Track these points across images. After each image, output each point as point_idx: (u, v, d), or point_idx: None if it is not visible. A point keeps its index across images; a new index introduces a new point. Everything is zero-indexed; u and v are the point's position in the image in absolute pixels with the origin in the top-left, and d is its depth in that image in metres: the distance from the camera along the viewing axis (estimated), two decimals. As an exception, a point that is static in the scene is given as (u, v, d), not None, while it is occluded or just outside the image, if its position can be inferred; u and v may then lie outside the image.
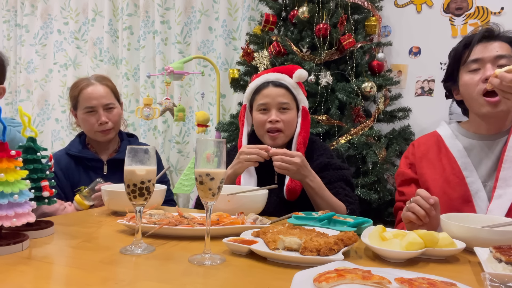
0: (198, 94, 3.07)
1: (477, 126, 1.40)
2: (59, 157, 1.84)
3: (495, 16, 2.49)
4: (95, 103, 1.79)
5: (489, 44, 1.33)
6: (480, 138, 1.39)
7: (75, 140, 1.91)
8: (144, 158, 0.95)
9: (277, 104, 1.60)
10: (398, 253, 0.89)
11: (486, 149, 1.37)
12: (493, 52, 1.32)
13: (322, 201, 1.48)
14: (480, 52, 1.34)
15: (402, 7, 2.72)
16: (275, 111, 1.60)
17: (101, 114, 1.79)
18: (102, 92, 1.81)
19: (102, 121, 1.79)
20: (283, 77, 1.64)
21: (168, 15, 3.24)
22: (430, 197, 1.14)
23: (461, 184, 1.35)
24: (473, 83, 1.34)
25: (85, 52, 3.58)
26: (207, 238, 0.89)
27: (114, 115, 1.83)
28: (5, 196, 0.89)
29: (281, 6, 2.50)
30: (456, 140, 1.41)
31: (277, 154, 1.44)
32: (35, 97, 3.73)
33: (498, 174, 1.30)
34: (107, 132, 1.83)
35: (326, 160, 1.62)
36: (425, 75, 2.65)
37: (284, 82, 1.63)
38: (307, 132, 1.64)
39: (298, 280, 0.71)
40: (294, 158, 1.42)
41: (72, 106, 1.87)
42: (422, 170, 1.45)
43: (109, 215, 1.38)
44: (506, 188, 1.28)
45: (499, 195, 1.28)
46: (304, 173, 1.45)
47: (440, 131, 1.48)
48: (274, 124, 1.58)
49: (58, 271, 0.81)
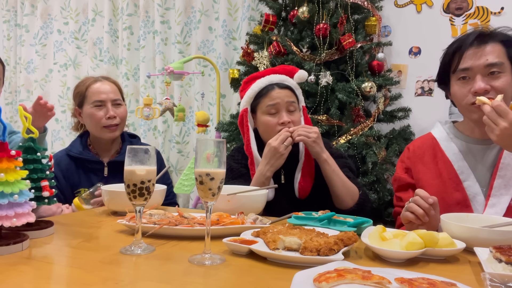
0: (198, 94, 3.07)
1: (471, 129, 1.37)
2: (60, 158, 1.83)
3: (495, 16, 2.49)
4: (104, 97, 1.80)
5: (479, 49, 1.28)
6: (475, 142, 1.36)
7: (76, 141, 1.89)
8: (144, 158, 0.95)
9: (286, 106, 1.59)
10: (398, 253, 0.89)
11: (481, 153, 1.34)
12: (483, 60, 1.26)
13: (338, 179, 1.51)
14: (470, 60, 1.28)
15: (402, 7, 2.71)
16: (285, 113, 1.59)
17: (109, 109, 1.80)
18: (111, 88, 1.84)
19: (111, 115, 1.79)
20: (287, 79, 1.65)
21: (168, 15, 3.24)
22: (429, 197, 1.13)
23: (458, 189, 1.33)
24: (462, 94, 1.31)
25: (85, 52, 3.58)
26: (207, 238, 0.89)
27: (121, 111, 1.84)
28: (5, 196, 0.89)
29: (281, 6, 2.50)
30: (451, 143, 1.39)
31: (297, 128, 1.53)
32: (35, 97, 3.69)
33: (492, 182, 1.28)
34: (114, 129, 1.82)
35: (329, 150, 1.61)
36: (425, 75, 2.65)
37: (289, 83, 1.64)
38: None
39: (298, 280, 0.71)
40: (311, 128, 1.53)
41: (78, 103, 1.85)
42: (418, 175, 1.43)
43: (109, 215, 1.38)
44: (500, 197, 1.26)
45: (493, 204, 1.26)
46: (321, 146, 1.53)
47: (435, 134, 1.45)
48: (286, 125, 1.57)
49: (58, 271, 0.81)
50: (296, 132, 1.51)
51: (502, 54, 1.27)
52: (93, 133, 1.85)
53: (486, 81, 1.26)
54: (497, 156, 1.31)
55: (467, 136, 1.38)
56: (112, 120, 1.80)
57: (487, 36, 1.30)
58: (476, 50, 1.28)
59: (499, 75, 1.26)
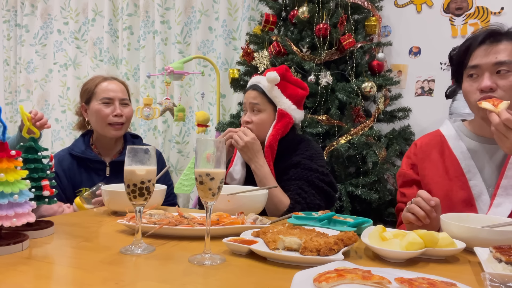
0: (198, 94, 3.07)
1: (480, 128, 1.36)
2: (62, 156, 1.84)
3: (495, 16, 2.49)
4: (113, 95, 1.83)
5: (491, 47, 1.26)
6: (484, 141, 1.34)
7: (78, 140, 1.90)
8: (144, 158, 0.95)
9: (250, 106, 1.68)
10: (398, 253, 0.89)
11: (489, 153, 1.33)
12: (492, 58, 1.25)
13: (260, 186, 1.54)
14: (480, 57, 1.28)
15: (402, 7, 2.72)
16: (249, 112, 1.69)
17: (117, 107, 1.83)
18: (119, 88, 1.88)
19: (118, 113, 1.81)
20: (260, 80, 1.69)
21: (168, 15, 3.24)
22: (431, 199, 1.12)
23: (463, 187, 1.32)
24: (471, 91, 1.30)
25: (85, 52, 3.58)
26: (207, 238, 0.89)
27: (128, 111, 1.88)
28: (5, 196, 0.89)
29: (281, 6, 2.50)
30: (460, 141, 1.37)
31: (236, 131, 1.62)
32: (35, 97, 3.73)
33: (499, 181, 1.27)
34: (119, 127, 1.84)
35: (299, 159, 1.62)
36: (425, 75, 2.65)
37: (259, 84, 1.68)
38: (274, 136, 1.62)
39: (298, 280, 0.71)
40: (246, 136, 1.59)
41: (85, 100, 1.87)
42: (424, 172, 1.42)
43: (109, 215, 1.38)
44: (506, 197, 1.25)
45: (498, 203, 1.25)
46: (250, 155, 1.59)
47: (443, 131, 1.43)
48: (245, 125, 1.68)
49: (58, 271, 0.81)
50: (229, 134, 1.63)
51: None
52: (98, 130, 1.86)
53: (494, 79, 1.25)
54: (505, 155, 1.30)
55: (476, 135, 1.37)
56: (118, 119, 1.82)
57: (502, 35, 1.28)
58: (487, 48, 1.27)
59: (507, 74, 1.24)
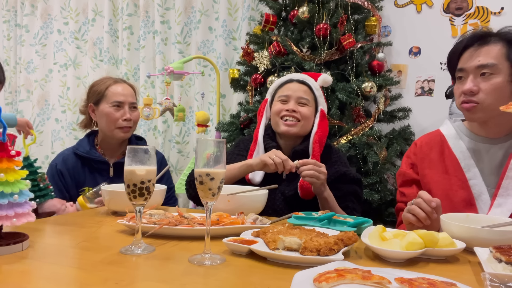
0: (198, 94, 3.07)
1: (477, 127, 1.36)
2: (67, 156, 1.86)
3: (495, 16, 2.49)
4: (123, 99, 1.86)
5: (477, 50, 1.27)
6: (483, 141, 1.35)
7: (83, 140, 1.92)
8: (144, 158, 0.95)
9: (296, 98, 1.65)
10: (398, 253, 0.89)
11: (489, 153, 1.33)
12: (475, 61, 1.26)
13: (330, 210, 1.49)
14: (465, 60, 1.30)
15: (402, 7, 2.71)
16: (293, 103, 1.64)
17: (127, 111, 1.86)
18: (129, 92, 1.91)
19: (128, 117, 1.85)
20: (308, 78, 1.71)
21: (168, 15, 3.24)
22: (432, 200, 1.12)
23: (463, 187, 1.32)
24: (457, 94, 1.32)
25: (85, 52, 3.58)
26: (207, 238, 0.89)
27: (136, 115, 1.91)
28: (5, 196, 0.89)
29: (281, 6, 2.50)
30: (459, 141, 1.38)
31: (308, 163, 1.44)
32: (35, 97, 3.73)
33: (500, 181, 1.27)
34: (127, 130, 1.87)
35: (343, 170, 1.63)
36: (425, 75, 2.65)
37: (307, 81, 1.70)
38: (324, 132, 1.66)
39: (298, 280, 0.71)
40: (322, 167, 1.45)
41: (94, 101, 1.88)
42: (424, 171, 1.42)
43: (109, 215, 1.38)
44: (507, 197, 1.25)
45: (499, 204, 1.25)
46: (326, 184, 1.50)
47: (443, 131, 1.44)
48: (291, 113, 1.62)
49: (58, 271, 0.81)
50: (306, 169, 1.43)
51: (500, 55, 1.25)
52: (105, 132, 1.88)
53: (477, 82, 1.26)
54: (506, 155, 1.30)
55: (476, 134, 1.37)
56: (127, 123, 1.86)
57: (490, 37, 1.28)
58: (473, 50, 1.29)
59: (490, 77, 1.25)
